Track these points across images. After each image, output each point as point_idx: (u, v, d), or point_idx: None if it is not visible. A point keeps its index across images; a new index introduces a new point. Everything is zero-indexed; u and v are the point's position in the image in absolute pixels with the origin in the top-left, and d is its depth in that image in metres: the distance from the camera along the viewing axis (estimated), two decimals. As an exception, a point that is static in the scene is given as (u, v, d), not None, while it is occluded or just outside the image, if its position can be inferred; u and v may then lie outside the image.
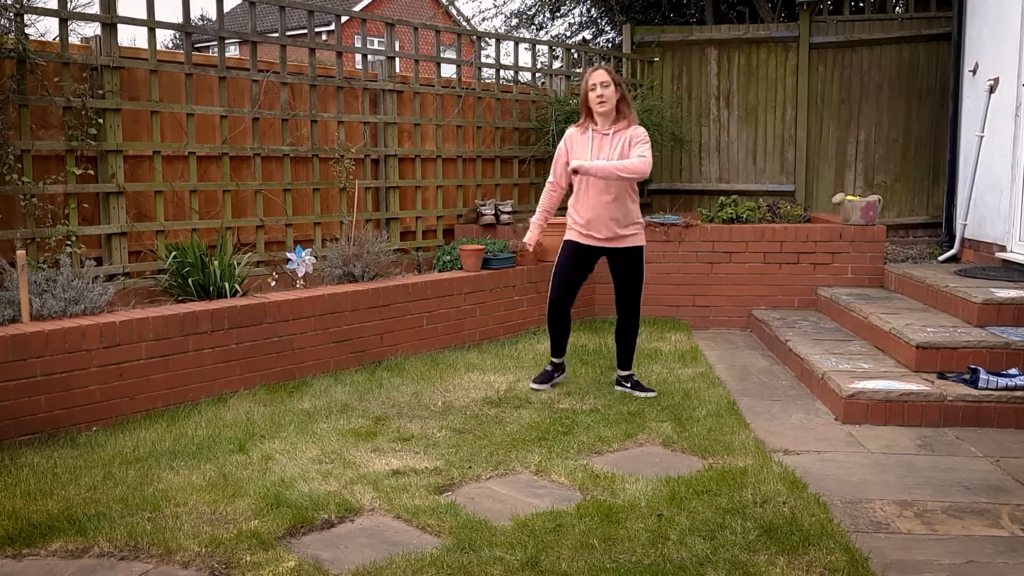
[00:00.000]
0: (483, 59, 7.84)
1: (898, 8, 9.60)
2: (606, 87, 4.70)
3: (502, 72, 8.04)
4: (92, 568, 2.87)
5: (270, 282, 5.65)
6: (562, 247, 4.97)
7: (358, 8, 29.71)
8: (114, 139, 5.28)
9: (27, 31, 4.82)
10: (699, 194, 9.48)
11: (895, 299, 6.18)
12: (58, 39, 5.03)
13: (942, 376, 4.72)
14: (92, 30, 5.86)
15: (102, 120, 5.20)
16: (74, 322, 4.27)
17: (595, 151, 4.75)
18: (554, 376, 5.10)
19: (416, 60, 7.12)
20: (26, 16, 4.82)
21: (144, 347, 4.45)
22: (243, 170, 6.07)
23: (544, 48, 11.52)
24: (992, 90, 6.70)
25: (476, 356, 5.75)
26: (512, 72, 8.19)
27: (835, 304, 6.32)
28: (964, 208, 7.17)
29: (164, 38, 38.05)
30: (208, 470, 3.66)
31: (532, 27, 12.49)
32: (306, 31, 6.38)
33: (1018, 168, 6.37)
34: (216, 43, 5.90)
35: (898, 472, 3.79)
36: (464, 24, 15.33)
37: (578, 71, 8.50)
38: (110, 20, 5.18)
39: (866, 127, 9.12)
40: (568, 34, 12.49)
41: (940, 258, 7.29)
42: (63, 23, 5.01)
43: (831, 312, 6.43)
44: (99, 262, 5.29)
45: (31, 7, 4.84)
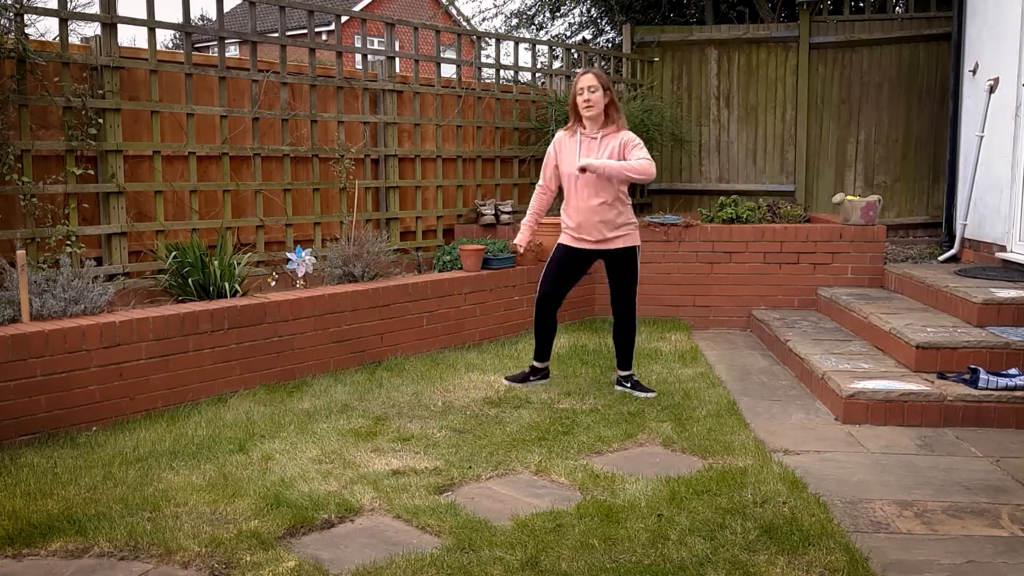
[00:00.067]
0: (483, 59, 7.84)
1: (898, 8, 9.60)
2: (593, 91, 4.71)
3: (502, 72, 8.04)
4: (92, 568, 2.87)
5: (270, 282, 5.65)
6: (555, 248, 5.00)
7: (358, 8, 29.72)
8: (114, 139, 5.28)
9: (27, 31, 4.82)
10: (699, 194, 9.48)
11: (895, 299, 6.19)
12: (58, 39, 5.03)
13: (942, 376, 4.72)
14: (92, 30, 5.86)
15: (102, 120, 5.20)
16: (74, 322, 4.27)
17: (583, 155, 4.75)
18: (530, 379, 5.08)
19: (416, 60, 7.12)
20: (26, 16, 4.82)
21: (144, 347, 4.45)
22: (243, 170, 6.07)
23: (544, 48, 11.52)
24: (992, 90, 6.70)
25: (476, 356, 5.75)
26: (512, 72, 8.18)
27: (835, 304, 6.32)
28: (964, 208, 7.17)
29: (164, 38, 38.07)
30: (208, 470, 3.66)
31: (532, 27, 12.49)
32: (306, 31, 6.38)
33: (1018, 168, 6.37)
34: (216, 43, 5.90)
35: (898, 472, 3.79)
36: (464, 24, 15.33)
37: (578, 71, 8.49)
38: (110, 20, 5.18)
39: (866, 127, 9.12)
40: (568, 34, 12.49)
41: (940, 258, 7.29)
42: (63, 23, 5.01)
43: (831, 312, 6.43)
44: (99, 262, 5.29)
45: (31, 7, 4.84)
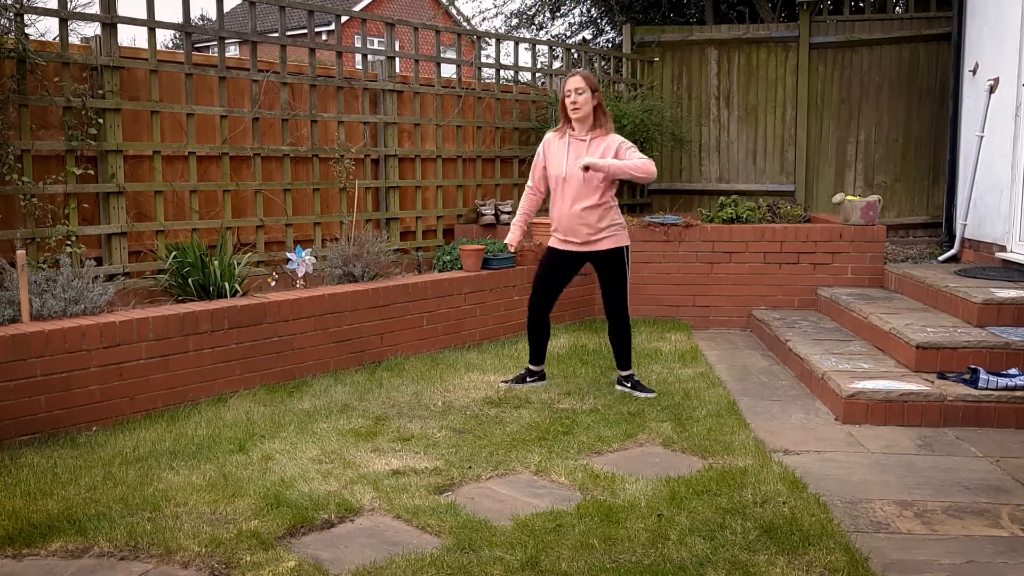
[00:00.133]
0: (483, 59, 7.84)
1: (898, 8, 9.61)
2: (580, 94, 4.73)
3: (502, 72, 8.04)
4: (92, 568, 2.87)
5: (270, 282, 5.65)
6: (544, 251, 5.03)
7: (358, 8, 29.71)
8: (114, 139, 5.28)
9: (27, 31, 4.83)
10: (699, 194, 9.48)
11: (895, 299, 6.18)
12: (58, 39, 5.03)
13: (942, 376, 4.72)
14: (92, 30, 5.87)
15: (102, 120, 5.20)
16: (74, 322, 4.27)
17: (571, 156, 4.77)
18: (527, 380, 5.11)
19: (416, 60, 7.12)
20: (26, 16, 4.82)
21: (144, 347, 4.45)
22: (243, 170, 6.07)
23: (544, 48, 11.52)
24: (992, 90, 6.70)
25: (476, 356, 5.75)
26: (512, 72, 8.18)
27: (835, 304, 6.32)
28: (964, 208, 7.17)
29: (164, 38, 38.06)
30: (208, 470, 3.66)
31: (532, 27, 12.50)
32: (306, 31, 6.38)
33: (1018, 168, 6.37)
34: (216, 43, 5.90)
35: (898, 472, 3.79)
36: (464, 24, 15.33)
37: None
38: (110, 20, 5.18)
39: (866, 127, 9.12)
40: (568, 34, 12.50)
41: (940, 258, 7.29)
42: (63, 23, 5.01)
43: (831, 312, 6.43)
44: (99, 262, 5.29)
45: (31, 7, 4.84)
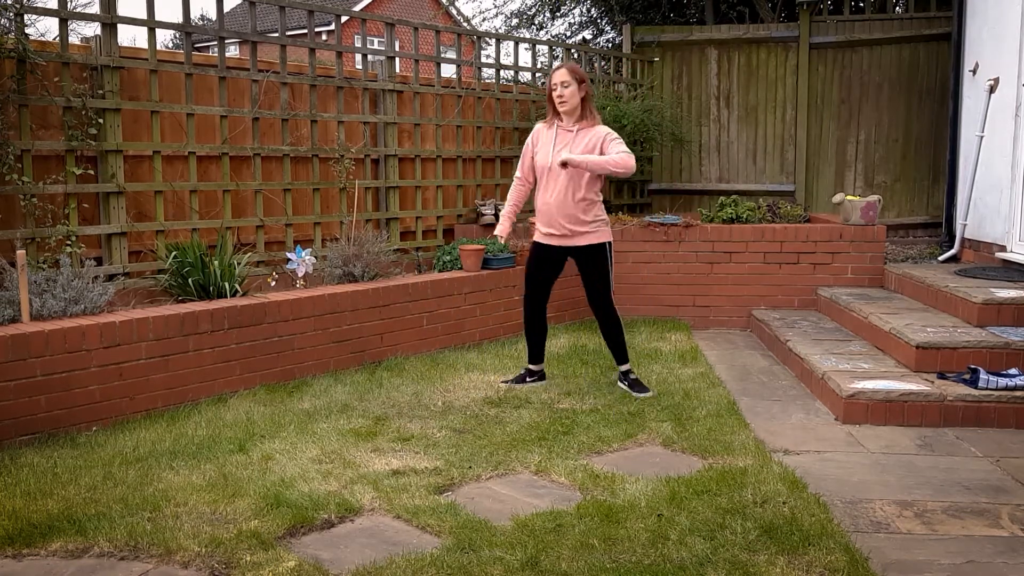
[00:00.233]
0: (483, 59, 7.84)
1: (898, 8, 9.61)
2: (566, 87, 4.75)
3: (502, 72, 8.04)
4: (92, 568, 2.87)
5: (270, 282, 5.65)
6: (530, 248, 5.05)
7: (358, 8, 29.72)
8: (114, 139, 5.28)
9: (27, 31, 4.83)
10: (699, 194, 9.48)
11: (895, 299, 6.18)
12: (58, 39, 5.03)
13: (942, 376, 4.72)
14: (92, 30, 5.87)
15: (102, 120, 5.20)
16: (74, 322, 4.27)
17: (558, 147, 4.80)
18: (526, 380, 5.11)
19: (416, 60, 7.12)
20: (26, 16, 4.82)
21: (144, 347, 4.45)
22: (243, 170, 6.07)
23: (544, 48, 11.52)
24: (992, 90, 6.70)
25: (476, 356, 5.75)
26: (512, 72, 8.19)
27: (835, 304, 6.32)
28: (964, 208, 7.17)
29: (164, 38, 38.06)
30: (208, 470, 3.66)
31: (532, 27, 12.49)
32: (306, 31, 6.38)
33: (1018, 168, 6.37)
34: (216, 43, 5.90)
35: (898, 472, 3.79)
36: (464, 24, 15.33)
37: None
38: (110, 20, 5.18)
39: (866, 127, 9.12)
40: (568, 34, 12.50)
41: (940, 258, 7.29)
42: (63, 23, 5.01)
43: (831, 312, 6.43)
44: (99, 262, 5.29)
45: (31, 7, 4.84)
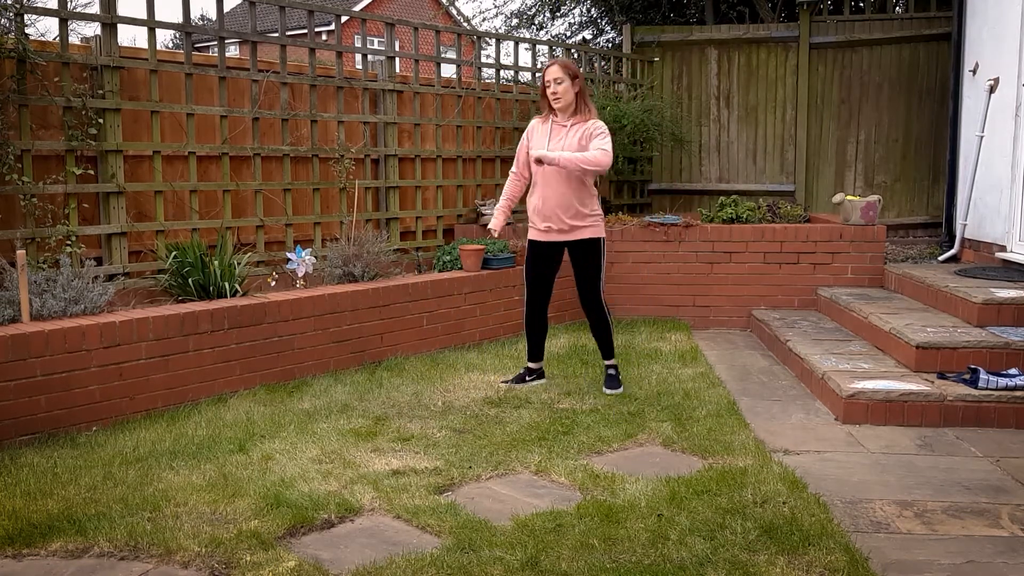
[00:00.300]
0: (483, 59, 7.84)
1: (898, 8, 9.60)
2: (559, 83, 4.76)
3: (502, 72, 8.04)
4: (92, 568, 2.87)
5: (270, 282, 5.65)
6: (526, 247, 5.06)
7: (358, 8, 29.72)
8: (114, 139, 5.28)
9: (27, 31, 4.82)
10: (699, 194, 9.48)
11: (895, 299, 6.18)
12: (58, 39, 5.03)
13: (942, 376, 4.72)
14: (92, 30, 5.87)
15: (102, 120, 5.20)
16: (74, 322, 4.27)
17: (552, 141, 4.82)
18: (526, 379, 5.12)
19: (416, 60, 7.12)
20: (26, 16, 4.82)
21: (144, 347, 4.45)
22: (243, 170, 6.07)
23: (544, 48, 11.48)
24: (992, 90, 6.70)
25: (476, 356, 5.75)
26: (512, 72, 8.18)
27: (835, 304, 6.32)
28: (964, 208, 7.17)
29: (164, 38, 38.06)
30: (208, 470, 3.66)
31: (532, 27, 12.48)
32: (306, 31, 6.38)
33: (1018, 168, 6.37)
34: (216, 43, 5.90)
35: (898, 472, 3.79)
36: (464, 24, 15.32)
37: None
38: (110, 20, 5.18)
39: (866, 127, 9.12)
40: (568, 34, 12.49)
41: (940, 258, 7.29)
42: (63, 23, 5.01)
43: (831, 312, 6.43)
44: (99, 262, 5.29)
45: (31, 7, 4.84)
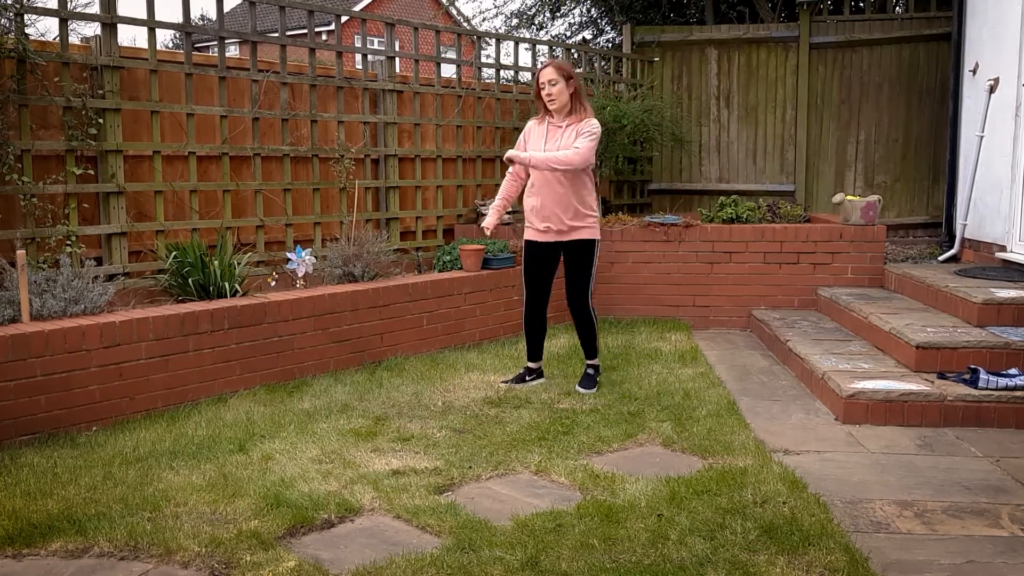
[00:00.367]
0: (483, 59, 7.84)
1: (898, 8, 9.60)
2: (554, 84, 4.76)
3: (502, 72, 8.04)
4: (92, 568, 2.87)
5: (270, 282, 5.65)
6: (523, 249, 5.07)
7: (358, 8, 29.72)
8: (114, 139, 5.28)
9: (27, 31, 4.82)
10: (699, 194, 9.48)
11: (895, 299, 6.18)
12: (58, 39, 5.03)
13: (942, 376, 4.72)
14: (92, 30, 5.87)
15: (102, 120, 5.20)
16: (74, 322, 4.27)
17: (548, 142, 4.83)
18: (526, 379, 5.13)
19: (416, 60, 7.12)
20: (26, 16, 4.82)
21: (144, 347, 4.45)
22: (243, 170, 6.07)
23: (544, 48, 11.48)
24: (992, 90, 6.69)
25: (476, 356, 5.75)
26: (512, 72, 8.19)
27: (835, 304, 6.32)
28: (964, 208, 7.17)
29: (164, 38, 38.07)
30: (208, 470, 3.66)
31: (532, 27, 12.48)
32: (306, 31, 6.38)
33: (1018, 168, 6.37)
34: (216, 43, 5.90)
35: (898, 472, 3.79)
36: (464, 24, 15.32)
37: (578, 71, 8.49)
38: (110, 20, 5.18)
39: (866, 127, 9.12)
40: (568, 34, 12.49)
41: (940, 258, 7.29)
42: (63, 23, 5.01)
43: (831, 312, 6.43)
44: (99, 262, 5.29)
45: (31, 7, 4.84)
